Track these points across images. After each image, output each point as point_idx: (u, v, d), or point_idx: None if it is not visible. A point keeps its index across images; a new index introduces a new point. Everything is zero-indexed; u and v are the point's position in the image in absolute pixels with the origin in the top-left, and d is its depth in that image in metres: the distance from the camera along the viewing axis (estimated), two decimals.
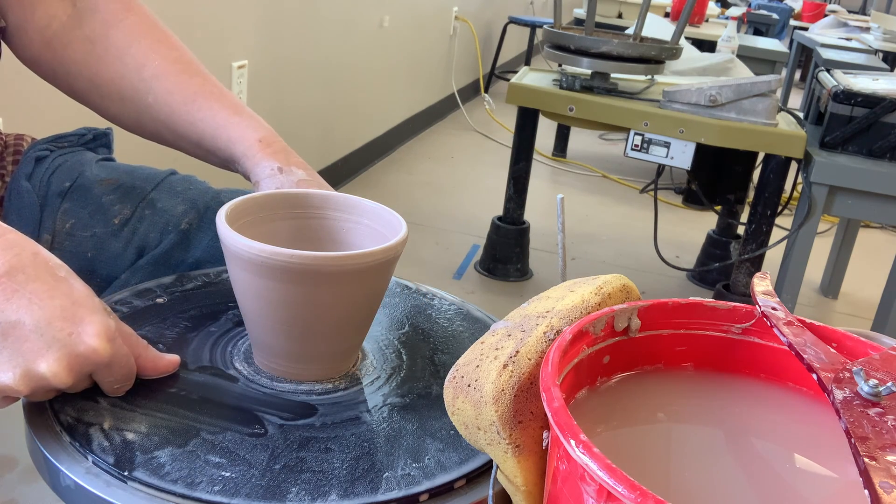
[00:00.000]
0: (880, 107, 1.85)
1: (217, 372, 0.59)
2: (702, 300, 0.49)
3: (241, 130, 0.74)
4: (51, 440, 0.50)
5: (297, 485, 0.48)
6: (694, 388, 0.49)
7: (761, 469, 0.42)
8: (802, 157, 1.94)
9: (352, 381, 0.60)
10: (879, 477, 0.33)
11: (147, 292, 0.69)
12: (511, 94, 2.18)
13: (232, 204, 0.60)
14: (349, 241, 0.66)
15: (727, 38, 3.06)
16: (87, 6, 0.77)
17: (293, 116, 2.61)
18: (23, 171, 0.78)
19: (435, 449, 0.53)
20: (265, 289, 0.55)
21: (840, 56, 3.41)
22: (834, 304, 2.64)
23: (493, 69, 5.08)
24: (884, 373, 0.41)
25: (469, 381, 0.45)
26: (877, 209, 1.87)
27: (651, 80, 2.33)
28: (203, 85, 0.76)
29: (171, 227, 0.77)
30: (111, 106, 0.79)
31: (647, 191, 2.45)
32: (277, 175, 0.71)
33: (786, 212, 2.37)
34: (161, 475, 0.47)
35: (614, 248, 2.84)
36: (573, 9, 5.10)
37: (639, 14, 2.26)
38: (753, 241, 2.11)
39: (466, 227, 2.84)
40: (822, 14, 6.16)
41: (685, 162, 2.01)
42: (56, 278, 0.51)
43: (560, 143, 3.81)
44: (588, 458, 0.34)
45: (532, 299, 0.51)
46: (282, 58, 2.44)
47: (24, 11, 0.76)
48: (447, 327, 0.70)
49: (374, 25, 3.18)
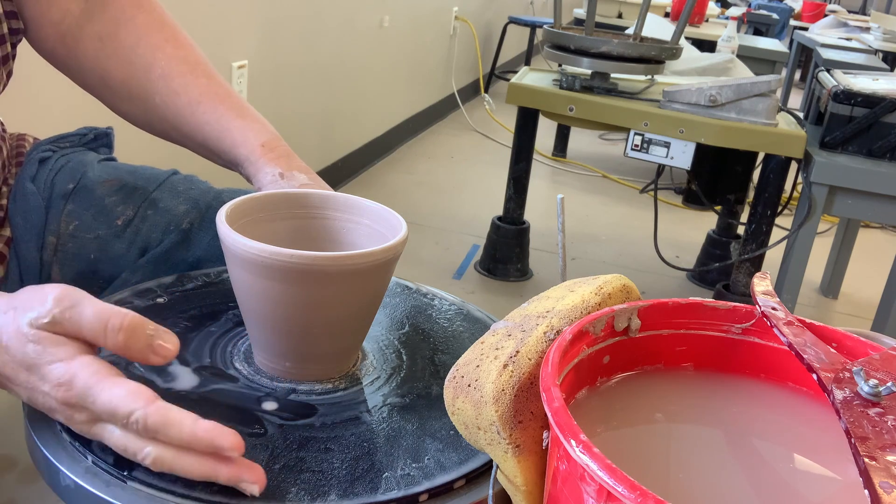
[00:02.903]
0: (880, 107, 1.85)
1: (217, 372, 0.59)
2: (702, 300, 0.49)
3: (245, 134, 0.74)
4: (51, 440, 0.50)
5: (296, 485, 0.48)
6: (694, 388, 0.49)
7: (761, 469, 0.42)
8: (802, 157, 1.94)
9: (352, 381, 0.60)
10: (879, 477, 0.33)
11: (147, 292, 0.69)
12: (511, 94, 2.18)
13: (232, 204, 0.60)
14: (349, 241, 0.66)
15: (727, 38, 3.06)
16: (98, 1, 0.78)
17: (293, 116, 2.61)
18: (27, 173, 0.78)
19: (434, 449, 0.53)
20: (265, 289, 0.55)
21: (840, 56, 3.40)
22: (834, 304, 2.64)
23: (493, 69, 5.08)
24: (884, 373, 0.41)
25: (469, 380, 0.45)
26: (877, 209, 1.87)
27: (651, 80, 2.33)
28: (209, 86, 0.77)
29: (172, 226, 0.77)
30: (121, 104, 0.79)
31: (647, 191, 2.45)
32: (279, 181, 0.71)
33: (786, 212, 2.37)
34: (161, 475, 0.47)
35: (614, 248, 2.84)
36: (573, 9, 5.10)
37: (639, 14, 2.26)
38: (753, 241, 2.11)
39: (466, 227, 2.84)
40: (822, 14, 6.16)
41: (685, 162, 2.01)
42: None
43: (560, 143, 3.81)
44: (588, 458, 0.34)
45: (532, 299, 0.51)
46: (282, 58, 2.44)
47: (41, 6, 0.76)
48: (447, 327, 0.70)
49: (374, 25, 3.18)
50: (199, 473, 0.46)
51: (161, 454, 0.46)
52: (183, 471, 0.46)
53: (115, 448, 0.47)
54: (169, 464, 0.46)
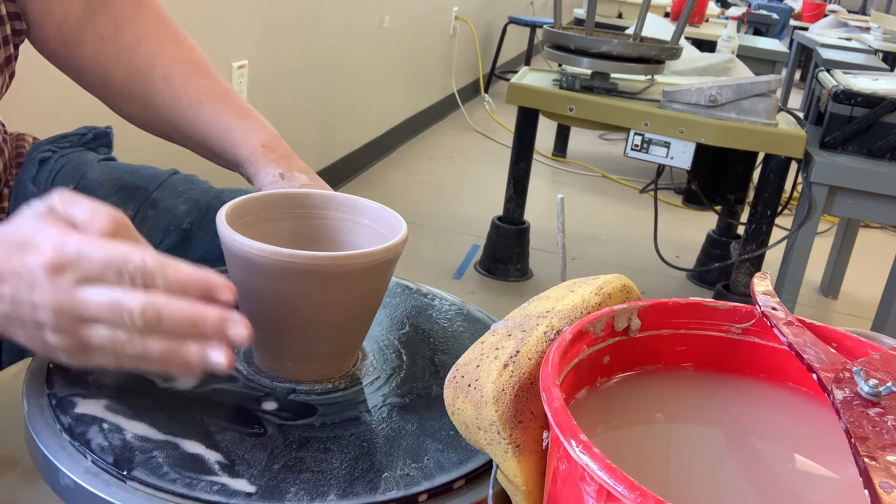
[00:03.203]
0: (880, 107, 1.85)
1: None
2: (702, 300, 0.49)
3: (245, 135, 0.75)
4: (50, 439, 0.50)
5: (295, 485, 0.48)
6: (694, 388, 0.49)
7: (761, 469, 0.42)
8: (802, 157, 1.94)
9: (352, 382, 0.60)
10: (879, 477, 0.33)
11: None
12: (511, 94, 2.18)
13: (232, 204, 0.60)
14: (349, 241, 0.66)
15: (727, 38, 3.06)
16: (100, 1, 0.78)
17: (293, 116, 2.61)
18: (27, 174, 0.78)
19: (434, 449, 0.53)
20: (265, 289, 0.55)
21: (840, 56, 3.41)
22: (834, 304, 2.64)
23: (493, 69, 5.08)
24: (884, 373, 0.41)
25: (469, 380, 0.45)
26: (877, 209, 1.87)
27: (651, 80, 2.33)
28: (210, 87, 0.77)
29: (173, 226, 0.77)
30: (122, 105, 0.80)
31: (647, 191, 2.45)
32: (279, 181, 0.71)
33: (786, 212, 2.37)
34: (160, 475, 0.47)
35: (614, 248, 2.84)
36: (573, 9, 5.10)
37: (639, 14, 2.26)
38: (753, 241, 2.11)
39: (466, 227, 2.84)
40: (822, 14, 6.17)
41: (685, 162, 2.01)
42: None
43: (560, 143, 3.81)
44: (588, 458, 0.34)
45: (532, 299, 0.51)
46: (282, 58, 2.44)
47: (43, 7, 0.76)
48: (447, 328, 0.70)
49: (374, 25, 3.18)
50: (188, 315, 0.46)
51: (152, 298, 0.46)
52: (173, 314, 0.46)
53: (101, 344, 0.47)
54: (159, 307, 0.46)
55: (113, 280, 0.46)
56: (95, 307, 0.46)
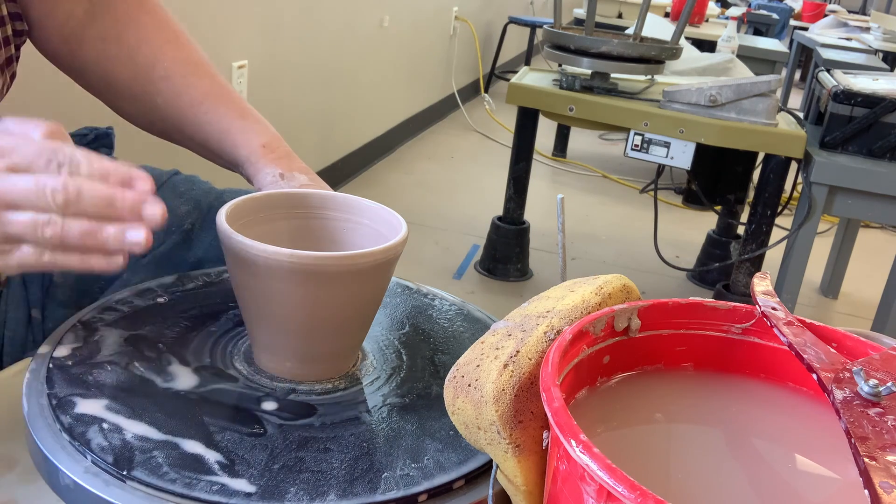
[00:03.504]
0: (880, 107, 1.85)
1: (217, 372, 0.59)
2: (702, 300, 0.49)
3: (245, 135, 0.75)
4: (50, 439, 0.50)
5: (295, 484, 0.48)
6: (694, 388, 0.49)
7: (761, 469, 0.42)
8: (802, 157, 1.94)
9: (352, 382, 0.60)
10: (879, 477, 0.33)
11: (148, 292, 0.69)
12: (511, 94, 2.18)
13: (232, 204, 0.60)
14: (349, 241, 0.66)
15: (727, 38, 3.07)
16: (101, 1, 0.78)
17: (293, 116, 2.61)
18: None
19: (434, 449, 0.53)
20: (265, 289, 0.55)
21: (840, 56, 3.41)
22: (834, 304, 2.64)
23: (493, 69, 5.08)
24: (884, 373, 0.41)
25: (469, 380, 0.45)
26: (877, 209, 1.87)
27: (651, 80, 2.33)
28: (211, 87, 0.77)
29: (174, 227, 0.77)
30: (124, 105, 0.80)
31: (647, 191, 2.45)
32: (279, 181, 0.72)
33: (786, 212, 2.37)
34: (160, 474, 0.47)
35: (614, 248, 2.84)
36: (573, 9, 5.10)
37: (639, 14, 2.26)
38: (753, 241, 2.11)
39: (466, 227, 2.84)
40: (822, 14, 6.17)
41: (685, 162, 2.01)
42: None
43: (560, 143, 3.81)
44: (588, 458, 0.34)
45: (532, 299, 0.51)
46: (282, 58, 2.44)
47: (45, 7, 0.76)
48: (447, 328, 0.70)
49: (374, 25, 3.18)
50: (106, 195, 0.49)
51: (75, 179, 0.48)
52: (91, 193, 0.48)
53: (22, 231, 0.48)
54: (79, 185, 0.48)
55: (42, 169, 0.48)
56: (18, 191, 0.48)
